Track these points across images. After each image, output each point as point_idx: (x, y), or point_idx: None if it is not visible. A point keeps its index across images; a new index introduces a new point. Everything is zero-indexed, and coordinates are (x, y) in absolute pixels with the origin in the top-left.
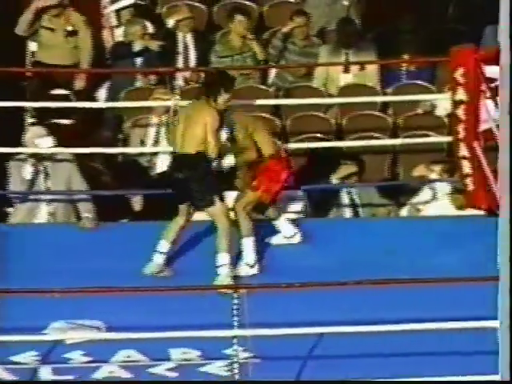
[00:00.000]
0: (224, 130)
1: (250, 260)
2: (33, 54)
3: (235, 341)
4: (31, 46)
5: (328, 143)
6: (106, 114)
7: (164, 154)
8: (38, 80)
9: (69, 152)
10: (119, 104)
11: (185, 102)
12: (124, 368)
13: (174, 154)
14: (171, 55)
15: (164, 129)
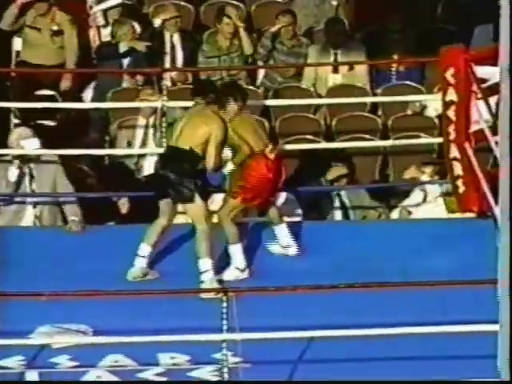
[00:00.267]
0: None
1: (240, 264)
2: (17, 53)
3: (224, 345)
4: (16, 45)
5: (317, 145)
6: (93, 115)
7: (151, 155)
8: (22, 80)
9: (54, 154)
10: (105, 105)
11: (172, 103)
12: (112, 373)
13: (165, 149)
14: (158, 55)
15: (152, 130)
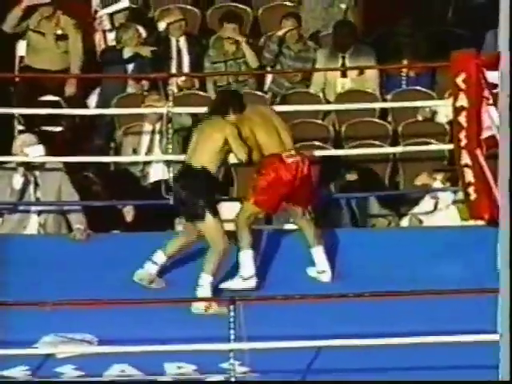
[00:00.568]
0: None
1: (246, 273)
2: (21, 58)
3: (232, 354)
4: (20, 50)
5: (326, 151)
6: (98, 121)
7: (157, 162)
8: (26, 85)
9: (59, 161)
10: (111, 111)
11: (178, 109)
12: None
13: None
14: (164, 60)
15: (158, 137)
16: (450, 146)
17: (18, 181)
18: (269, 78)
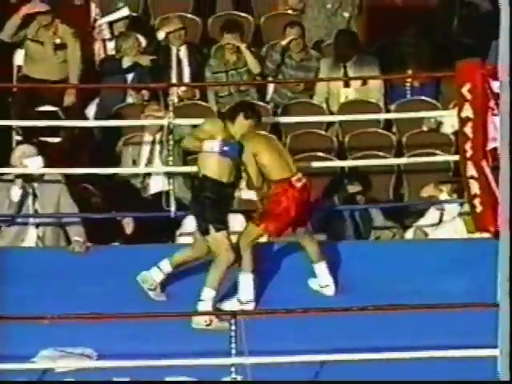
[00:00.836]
0: (211, 146)
1: (244, 297)
2: (19, 67)
3: (233, 369)
4: (17, 59)
5: (329, 162)
6: (96, 131)
7: (157, 174)
8: (24, 95)
9: (58, 172)
10: (110, 123)
11: (179, 120)
12: None
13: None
14: (164, 70)
15: (158, 147)
16: (455, 158)
17: (16, 193)
18: (270, 88)
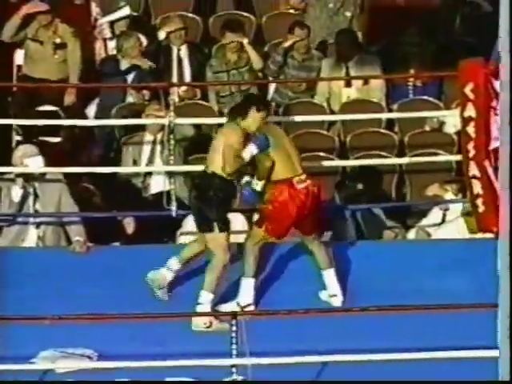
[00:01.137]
0: (251, 150)
1: (244, 301)
2: (19, 67)
3: (234, 370)
4: (17, 59)
5: (331, 162)
6: (97, 131)
7: (158, 174)
8: (24, 95)
9: (59, 172)
10: (111, 122)
11: (180, 119)
12: None
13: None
14: (164, 70)
15: (159, 147)
16: (458, 157)
17: (16, 193)
18: (272, 88)
